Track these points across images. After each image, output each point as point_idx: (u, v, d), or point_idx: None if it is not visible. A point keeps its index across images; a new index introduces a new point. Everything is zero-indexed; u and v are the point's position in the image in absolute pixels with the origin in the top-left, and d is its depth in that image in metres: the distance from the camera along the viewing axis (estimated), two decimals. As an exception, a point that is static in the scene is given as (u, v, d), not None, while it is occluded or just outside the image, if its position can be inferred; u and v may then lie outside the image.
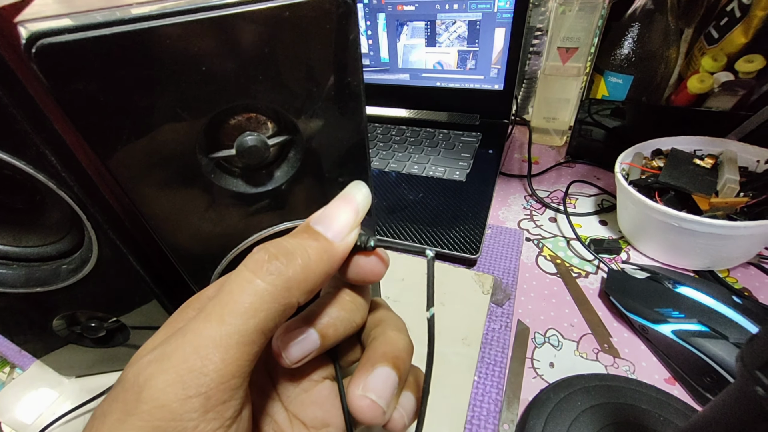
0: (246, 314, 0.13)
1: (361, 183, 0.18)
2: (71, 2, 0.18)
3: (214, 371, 0.12)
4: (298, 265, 0.14)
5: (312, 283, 0.15)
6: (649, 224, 0.39)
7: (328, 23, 0.17)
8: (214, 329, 0.13)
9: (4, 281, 0.25)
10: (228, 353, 0.12)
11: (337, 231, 0.16)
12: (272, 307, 0.13)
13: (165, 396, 0.12)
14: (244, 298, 0.13)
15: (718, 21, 0.40)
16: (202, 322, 0.13)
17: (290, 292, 0.14)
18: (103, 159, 0.18)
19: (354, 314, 0.18)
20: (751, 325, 0.30)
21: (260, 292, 0.13)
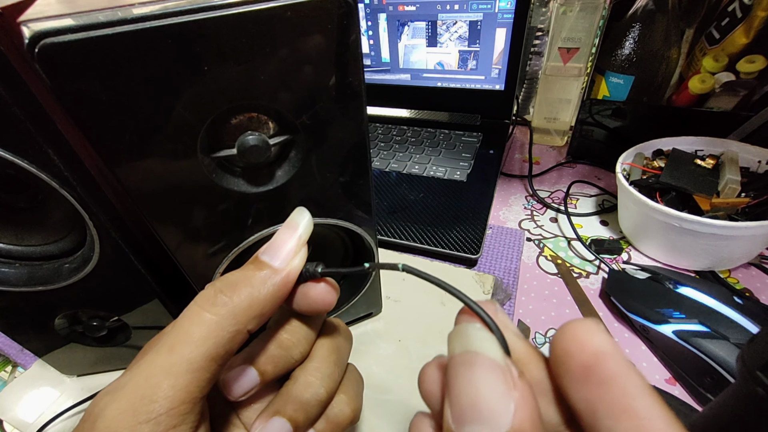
0: (194, 343, 0.14)
1: (303, 209, 0.19)
2: (74, 2, 0.18)
3: (163, 398, 0.13)
4: (243, 294, 0.15)
5: (258, 310, 0.16)
6: (650, 224, 0.39)
7: (329, 23, 0.17)
8: (164, 358, 0.14)
9: (6, 280, 0.25)
10: (177, 380, 0.13)
11: (281, 258, 0.17)
12: (220, 335, 0.14)
13: (117, 423, 0.13)
14: (193, 329, 0.14)
15: (720, 21, 0.40)
16: (154, 354, 0.14)
17: (237, 320, 0.15)
18: (105, 158, 0.18)
19: (292, 351, 0.18)
20: (752, 326, 0.30)
21: (207, 322, 0.14)
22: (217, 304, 0.15)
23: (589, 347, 0.10)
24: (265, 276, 0.16)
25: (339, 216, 0.25)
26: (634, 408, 0.09)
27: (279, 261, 0.17)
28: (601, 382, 0.09)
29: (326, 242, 0.30)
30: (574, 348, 0.10)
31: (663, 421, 0.09)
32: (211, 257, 0.24)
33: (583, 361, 0.10)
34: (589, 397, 0.10)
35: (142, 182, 0.19)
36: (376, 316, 0.37)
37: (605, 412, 0.09)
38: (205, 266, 0.24)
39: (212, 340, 0.14)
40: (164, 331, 0.17)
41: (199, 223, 0.22)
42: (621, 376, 0.09)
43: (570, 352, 0.10)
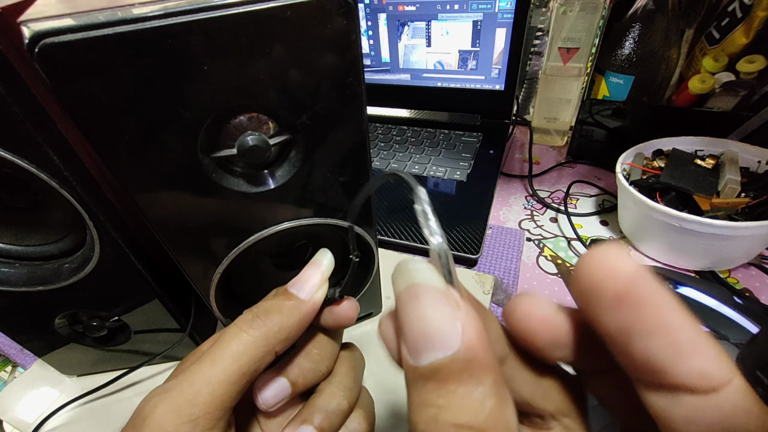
0: (232, 358, 0.17)
1: (326, 251, 0.22)
2: (73, 2, 0.18)
3: (202, 403, 0.16)
4: (275, 320, 0.18)
5: (286, 334, 0.18)
6: (650, 224, 0.39)
7: (330, 23, 0.17)
8: (206, 369, 0.16)
9: (6, 280, 0.25)
10: (215, 389, 0.16)
11: (307, 291, 0.20)
12: (254, 353, 0.17)
13: (164, 421, 0.15)
14: (232, 345, 0.17)
15: (719, 21, 0.40)
16: (198, 364, 0.17)
17: (268, 341, 0.18)
18: (105, 158, 0.18)
19: (320, 365, 0.21)
20: (752, 326, 0.30)
21: (244, 341, 0.17)
22: (254, 327, 0.18)
23: (621, 275, 0.10)
24: (293, 306, 0.19)
25: (339, 216, 0.25)
26: (667, 324, 0.09)
27: (305, 294, 0.20)
28: (634, 306, 0.09)
29: (326, 242, 0.30)
30: (605, 276, 0.10)
31: (692, 331, 0.09)
32: (211, 257, 0.24)
33: (617, 288, 0.10)
34: (623, 321, 0.10)
35: (142, 182, 0.19)
36: (376, 316, 0.37)
37: (640, 332, 0.09)
38: (205, 266, 0.24)
39: (247, 356, 0.17)
40: (207, 345, 0.21)
41: (199, 223, 0.22)
42: (653, 297, 0.09)
43: (601, 281, 0.10)
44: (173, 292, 0.30)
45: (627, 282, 0.10)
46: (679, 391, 0.09)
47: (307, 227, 0.25)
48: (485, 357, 0.10)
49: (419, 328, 0.11)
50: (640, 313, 0.09)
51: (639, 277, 0.10)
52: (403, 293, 0.11)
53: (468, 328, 0.10)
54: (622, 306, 0.10)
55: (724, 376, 0.09)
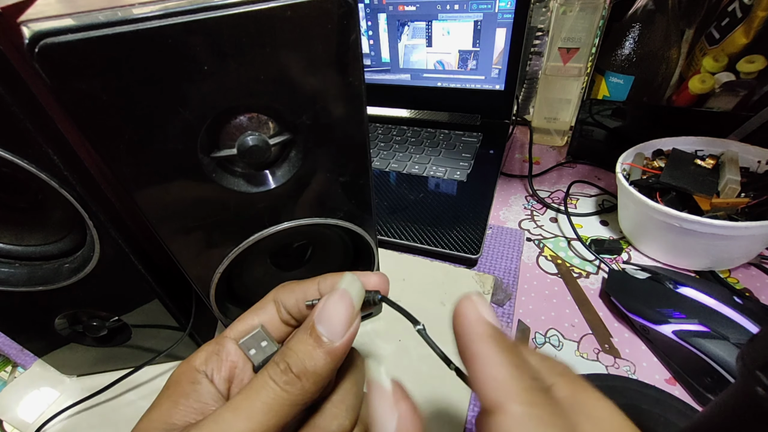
0: (269, 413, 0.15)
1: (353, 277, 0.19)
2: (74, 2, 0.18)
3: None
4: (310, 377, 0.16)
5: (322, 383, 0.17)
6: (650, 224, 0.39)
7: (330, 23, 0.17)
8: (237, 422, 0.15)
9: (6, 280, 0.25)
10: None
11: (337, 332, 0.17)
12: (288, 411, 0.16)
13: None
14: (263, 398, 0.16)
15: (719, 21, 0.40)
16: (227, 413, 0.15)
17: (305, 396, 0.16)
18: (105, 158, 0.18)
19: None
20: (752, 326, 0.30)
21: (279, 397, 0.16)
22: (288, 384, 0.16)
23: (455, 312, 0.14)
24: (325, 352, 0.17)
25: (339, 216, 0.25)
26: (472, 350, 0.13)
27: (338, 337, 0.17)
28: (458, 336, 0.14)
29: (326, 242, 0.30)
30: (454, 313, 0.14)
31: (491, 358, 0.13)
32: (211, 257, 0.24)
33: (454, 324, 0.14)
34: (461, 350, 0.14)
35: (142, 182, 0.19)
36: (376, 316, 0.37)
37: (463, 357, 0.13)
38: (205, 266, 0.24)
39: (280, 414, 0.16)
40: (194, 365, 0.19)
41: (199, 223, 0.22)
42: (469, 328, 0.13)
43: (454, 315, 0.14)
44: (173, 292, 0.30)
45: (455, 316, 0.13)
46: (484, 412, 0.12)
47: (307, 227, 0.25)
48: None
49: (370, 413, 0.15)
50: (460, 342, 0.13)
51: (462, 314, 0.13)
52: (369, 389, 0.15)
53: (401, 421, 0.14)
54: (457, 338, 0.13)
55: (499, 398, 0.12)
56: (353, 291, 0.18)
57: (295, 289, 0.20)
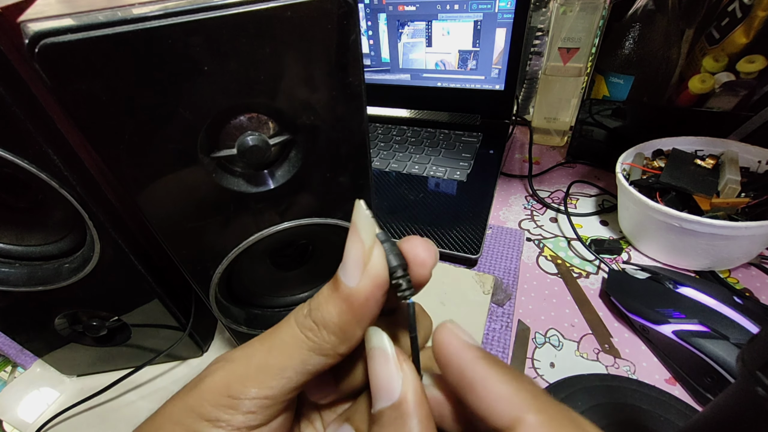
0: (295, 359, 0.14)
1: (359, 204, 0.15)
2: (74, 2, 0.18)
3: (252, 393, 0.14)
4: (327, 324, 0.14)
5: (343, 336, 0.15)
6: (650, 224, 0.39)
7: (330, 23, 0.17)
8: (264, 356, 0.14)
9: (6, 280, 0.25)
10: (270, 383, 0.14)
11: (350, 274, 0.14)
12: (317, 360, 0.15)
13: (214, 387, 0.14)
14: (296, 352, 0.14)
15: (719, 21, 0.40)
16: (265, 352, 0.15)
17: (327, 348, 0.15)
18: (105, 158, 0.18)
19: None
20: (752, 326, 0.30)
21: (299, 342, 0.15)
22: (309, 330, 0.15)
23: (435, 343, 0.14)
24: (344, 299, 0.14)
25: (339, 216, 0.25)
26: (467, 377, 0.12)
27: (351, 279, 0.14)
28: (445, 367, 0.13)
29: (326, 242, 0.30)
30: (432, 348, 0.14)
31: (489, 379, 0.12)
32: (211, 257, 0.24)
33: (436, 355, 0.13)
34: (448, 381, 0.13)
35: (142, 182, 0.19)
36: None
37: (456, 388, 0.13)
38: (206, 266, 0.24)
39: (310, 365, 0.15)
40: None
41: (199, 223, 0.22)
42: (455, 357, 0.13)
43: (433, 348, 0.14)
44: (173, 292, 0.30)
45: (437, 347, 0.13)
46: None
47: (307, 227, 0.25)
48: (417, 409, 0.13)
49: (372, 383, 0.14)
50: (449, 372, 0.13)
51: (444, 343, 0.13)
52: (367, 353, 0.14)
53: (408, 385, 0.13)
54: (442, 370, 0.13)
55: (513, 413, 0.11)
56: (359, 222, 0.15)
57: None
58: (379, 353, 0.14)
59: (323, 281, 0.33)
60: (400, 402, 0.13)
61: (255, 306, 0.31)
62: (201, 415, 0.14)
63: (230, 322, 0.29)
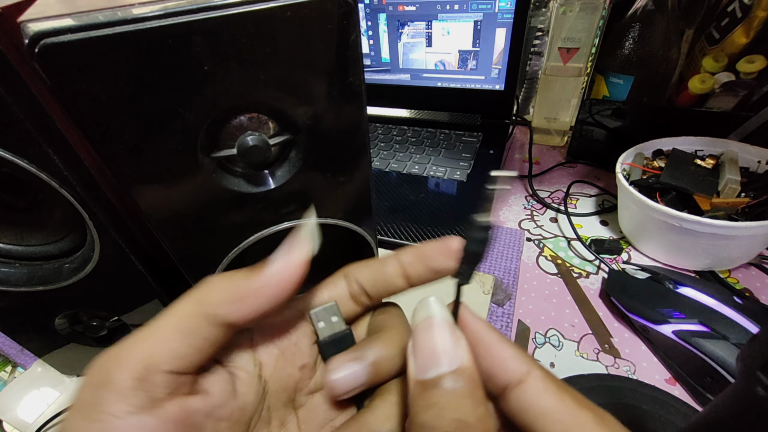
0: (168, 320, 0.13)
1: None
2: (74, 2, 0.18)
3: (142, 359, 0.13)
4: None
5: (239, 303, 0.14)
6: (650, 224, 0.39)
7: (330, 23, 0.17)
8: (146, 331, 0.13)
9: (6, 280, 0.25)
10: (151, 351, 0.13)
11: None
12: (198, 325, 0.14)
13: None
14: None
15: (719, 21, 0.40)
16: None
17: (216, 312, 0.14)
18: (105, 158, 0.18)
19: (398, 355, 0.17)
20: (752, 326, 0.30)
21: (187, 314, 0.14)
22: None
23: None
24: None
25: (339, 216, 0.25)
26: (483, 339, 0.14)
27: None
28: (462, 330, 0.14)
29: (326, 242, 0.30)
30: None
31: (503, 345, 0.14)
32: (211, 257, 0.24)
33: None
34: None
35: (142, 182, 0.19)
36: (376, 316, 0.37)
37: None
38: (206, 266, 0.24)
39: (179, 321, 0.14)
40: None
41: (198, 223, 0.22)
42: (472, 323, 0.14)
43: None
44: (173, 292, 0.30)
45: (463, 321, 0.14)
46: (506, 390, 0.13)
47: (307, 227, 0.25)
48: (476, 377, 0.13)
49: (429, 350, 0.13)
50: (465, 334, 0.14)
51: (461, 312, 0.14)
52: (421, 322, 0.14)
53: (465, 354, 0.13)
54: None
55: (523, 368, 0.13)
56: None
57: (371, 264, 0.18)
58: (438, 321, 0.14)
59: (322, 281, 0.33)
60: (465, 367, 0.13)
61: (255, 306, 0.31)
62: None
63: (230, 322, 0.29)
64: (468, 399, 0.12)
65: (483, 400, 0.13)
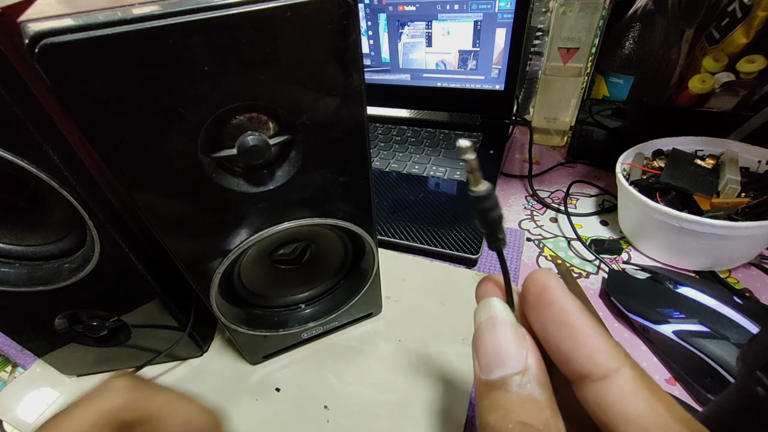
0: None
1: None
2: (74, 2, 0.18)
3: None
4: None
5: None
6: (650, 224, 0.39)
7: (330, 23, 0.17)
8: None
9: (6, 280, 0.25)
10: None
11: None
12: None
13: None
14: None
15: (719, 21, 0.40)
16: None
17: None
18: (105, 158, 0.18)
19: None
20: (752, 326, 0.30)
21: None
22: None
23: (539, 282, 0.13)
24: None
25: (339, 216, 0.25)
26: (570, 322, 0.13)
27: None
28: (547, 305, 0.13)
29: (326, 242, 0.30)
30: (529, 284, 0.14)
31: (589, 328, 0.12)
32: (211, 257, 0.24)
33: (535, 291, 0.13)
34: (541, 318, 0.13)
35: (142, 182, 0.19)
36: (376, 316, 0.37)
37: (551, 326, 0.13)
38: (206, 266, 0.24)
39: None
40: None
41: (199, 223, 0.22)
42: (560, 300, 0.13)
43: (527, 288, 0.14)
44: (173, 292, 0.30)
45: (543, 287, 0.13)
46: (585, 380, 0.12)
47: (307, 227, 0.25)
48: (543, 378, 0.13)
49: (493, 350, 0.13)
50: (550, 311, 0.13)
51: (552, 286, 0.13)
52: (483, 322, 0.14)
53: (530, 354, 0.13)
54: (540, 306, 0.13)
55: (611, 364, 0.12)
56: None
57: None
58: (501, 322, 0.14)
59: (323, 281, 0.33)
60: (530, 368, 0.13)
61: (255, 306, 0.31)
62: None
63: (230, 322, 0.29)
64: (534, 402, 0.12)
65: (549, 403, 0.12)
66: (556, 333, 0.13)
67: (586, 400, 0.12)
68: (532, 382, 0.12)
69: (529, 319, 0.14)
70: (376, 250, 0.30)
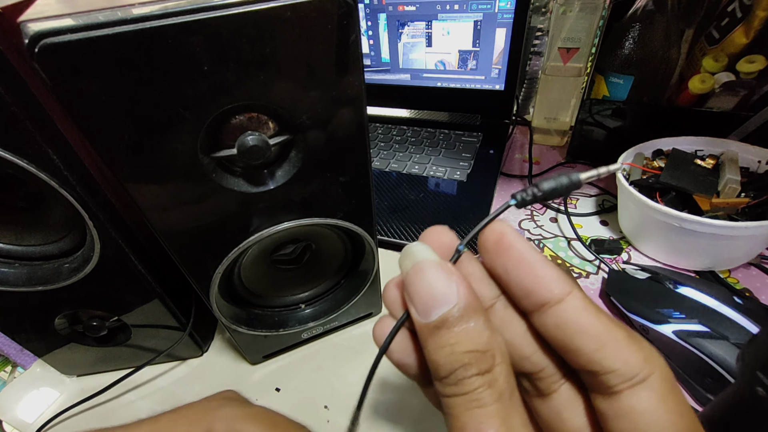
0: None
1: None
2: (73, 2, 0.18)
3: None
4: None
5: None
6: (650, 224, 0.39)
7: (329, 23, 0.17)
8: None
9: (6, 280, 0.25)
10: None
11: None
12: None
13: None
14: None
15: (719, 21, 0.40)
16: None
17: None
18: (105, 158, 0.18)
19: None
20: (752, 326, 0.30)
21: None
22: None
23: (496, 231, 0.15)
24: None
25: (339, 216, 0.25)
26: (527, 260, 0.14)
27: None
28: (505, 250, 0.14)
29: (326, 242, 0.30)
30: (487, 235, 0.15)
31: (541, 263, 0.14)
32: (211, 257, 0.24)
33: (494, 239, 0.14)
34: (501, 261, 0.14)
35: (142, 182, 0.19)
36: (376, 316, 0.37)
37: (511, 268, 0.14)
38: (205, 266, 0.24)
39: None
40: None
41: (199, 223, 0.22)
42: (517, 243, 0.14)
43: (486, 238, 0.15)
44: (173, 291, 0.30)
45: (500, 234, 0.14)
46: (545, 307, 0.13)
47: (307, 227, 0.25)
48: (475, 304, 0.14)
49: (427, 293, 0.14)
50: (510, 254, 0.14)
51: (507, 233, 0.14)
52: (410, 270, 0.14)
53: (460, 285, 0.14)
54: (499, 251, 0.14)
55: (565, 288, 0.13)
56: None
57: None
58: (427, 264, 0.14)
59: (323, 281, 0.33)
60: (463, 298, 0.13)
61: (255, 306, 0.31)
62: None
63: (230, 322, 0.29)
64: (474, 329, 0.13)
65: (486, 324, 0.13)
66: (517, 272, 0.14)
67: (546, 326, 0.14)
68: (468, 310, 0.13)
69: (490, 264, 0.15)
70: (376, 250, 0.30)
